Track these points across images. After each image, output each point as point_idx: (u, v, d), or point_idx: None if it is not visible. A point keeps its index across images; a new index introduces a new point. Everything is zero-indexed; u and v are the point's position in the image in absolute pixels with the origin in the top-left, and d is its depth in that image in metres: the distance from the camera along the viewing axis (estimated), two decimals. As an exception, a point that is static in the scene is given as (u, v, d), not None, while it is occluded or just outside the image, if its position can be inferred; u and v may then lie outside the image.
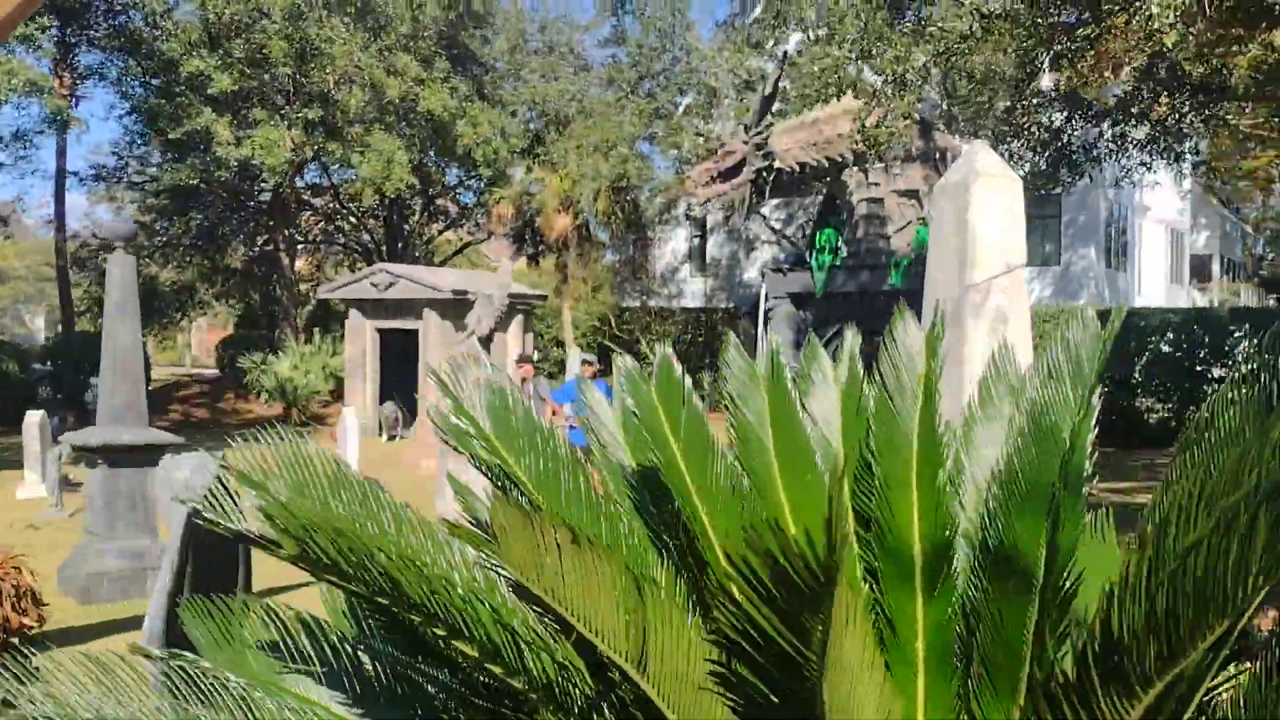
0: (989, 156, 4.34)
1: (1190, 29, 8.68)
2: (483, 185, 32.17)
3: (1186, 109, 11.92)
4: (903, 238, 18.94)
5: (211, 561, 4.00)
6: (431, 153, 29.47)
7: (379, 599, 1.74)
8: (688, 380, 2.49)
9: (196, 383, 33.08)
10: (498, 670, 1.76)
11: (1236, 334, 23.82)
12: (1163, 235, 40.82)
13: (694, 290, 36.55)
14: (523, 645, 1.81)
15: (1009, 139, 13.64)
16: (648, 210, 32.23)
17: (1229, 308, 28.58)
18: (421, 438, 19.59)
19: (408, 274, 23.70)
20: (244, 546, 4.37)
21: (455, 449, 2.50)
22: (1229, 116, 12.66)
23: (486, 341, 8.39)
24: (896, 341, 2.59)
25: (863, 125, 13.60)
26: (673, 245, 37.17)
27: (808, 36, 29.15)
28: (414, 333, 23.26)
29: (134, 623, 8.81)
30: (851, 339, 2.82)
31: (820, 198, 28.65)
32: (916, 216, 18.99)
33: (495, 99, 29.93)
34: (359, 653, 2.04)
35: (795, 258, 21.55)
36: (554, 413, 13.03)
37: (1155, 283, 39.64)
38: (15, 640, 3.91)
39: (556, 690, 1.82)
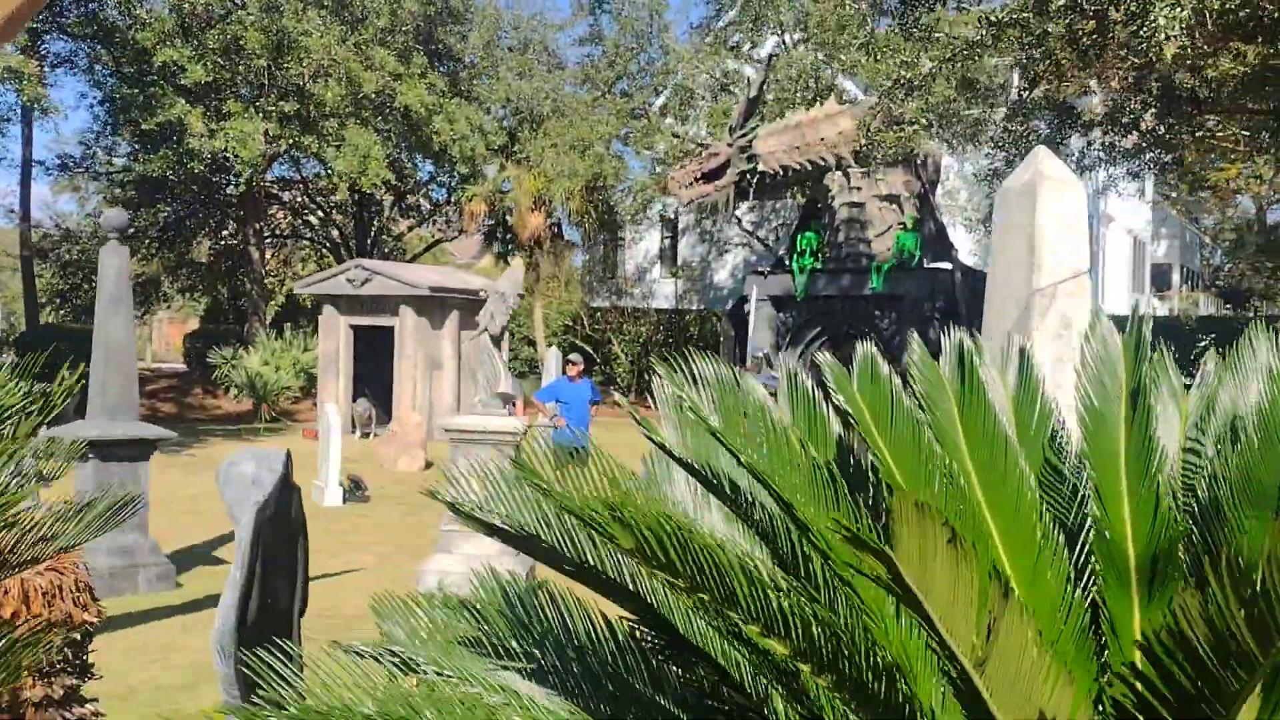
0: (1053, 161, 4.40)
1: (1189, 43, 8.84)
2: (455, 182, 32.03)
3: (1174, 121, 12.13)
4: (883, 242, 19.08)
5: (275, 556, 3.96)
6: (406, 149, 29.29)
7: (701, 595, 1.72)
8: (897, 380, 2.44)
9: (162, 377, 32.64)
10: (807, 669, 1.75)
11: (1202, 343, 24.26)
12: (1126, 244, 41.50)
13: (665, 291, 36.64)
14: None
15: (1004, 146, 13.80)
16: (622, 210, 32.26)
17: (1196, 317, 29.06)
18: (401, 435, 19.48)
19: (384, 270, 23.54)
20: (303, 541, 4.33)
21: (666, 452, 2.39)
22: (1217, 128, 12.93)
23: (498, 339, 8.38)
24: (1094, 344, 2.56)
25: (868, 129, 13.68)
26: (645, 246, 37.24)
27: (783, 41, 29.34)
28: (386, 329, 23.12)
29: (129, 620, 8.71)
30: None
31: (797, 201, 28.86)
32: (897, 221, 19.15)
33: (472, 95, 29.80)
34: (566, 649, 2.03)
35: (776, 260, 21.63)
36: (525, 413, 12.98)
37: (1118, 291, 40.29)
38: (78, 636, 3.86)
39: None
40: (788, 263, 19.95)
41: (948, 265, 18.70)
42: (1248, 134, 16.97)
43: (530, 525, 2.08)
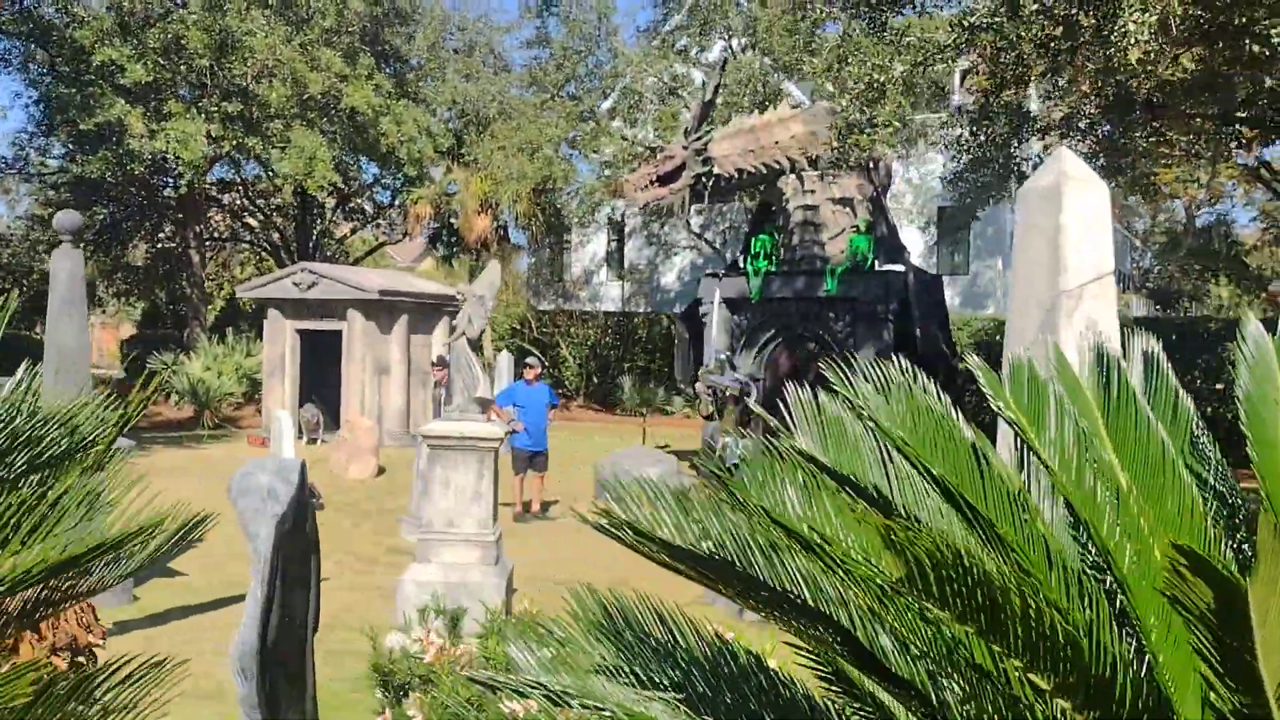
0: (1076, 162, 4.40)
1: (1155, 47, 8.99)
2: (401, 184, 31.68)
3: (1129, 125, 12.34)
4: (837, 245, 19.17)
5: (292, 571, 3.81)
6: (352, 151, 28.90)
7: (971, 623, 1.62)
8: (1059, 387, 2.28)
9: (100, 383, 31.80)
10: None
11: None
12: (1062, 247, 42.23)
13: (612, 294, 36.57)
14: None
15: (969, 150, 13.94)
16: (569, 213, 32.16)
17: (1133, 318, 29.63)
18: (352, 441, 19.19)
19: (331, 274, 23.19)
20: (316, 555, 4.19)
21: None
22: (1170, 133, 13.19)
23: (476, 344, 8.25)
24: (1249, 345, 2.45)
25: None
26: (592, 249, 37.14)
27: (730, 46, 29.43)
28: (333, 334, 22.76)
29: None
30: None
31: (745, 205, 28.95)
32: (851, 224, 19.25)
33: (419, 98, 29.50)
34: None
35: (730, 263, 21.66)
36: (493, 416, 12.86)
37: (1055, 293, 40.94)
38: (82, 659, 3.69)
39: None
40: (742, 265, 19.98)
41: (900, 267, 18.85)
42: (1185, 139, 17.36)
43: (730, 550, 1.86)
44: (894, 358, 2.69)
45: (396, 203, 34.22)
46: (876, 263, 18.92)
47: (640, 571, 2.94)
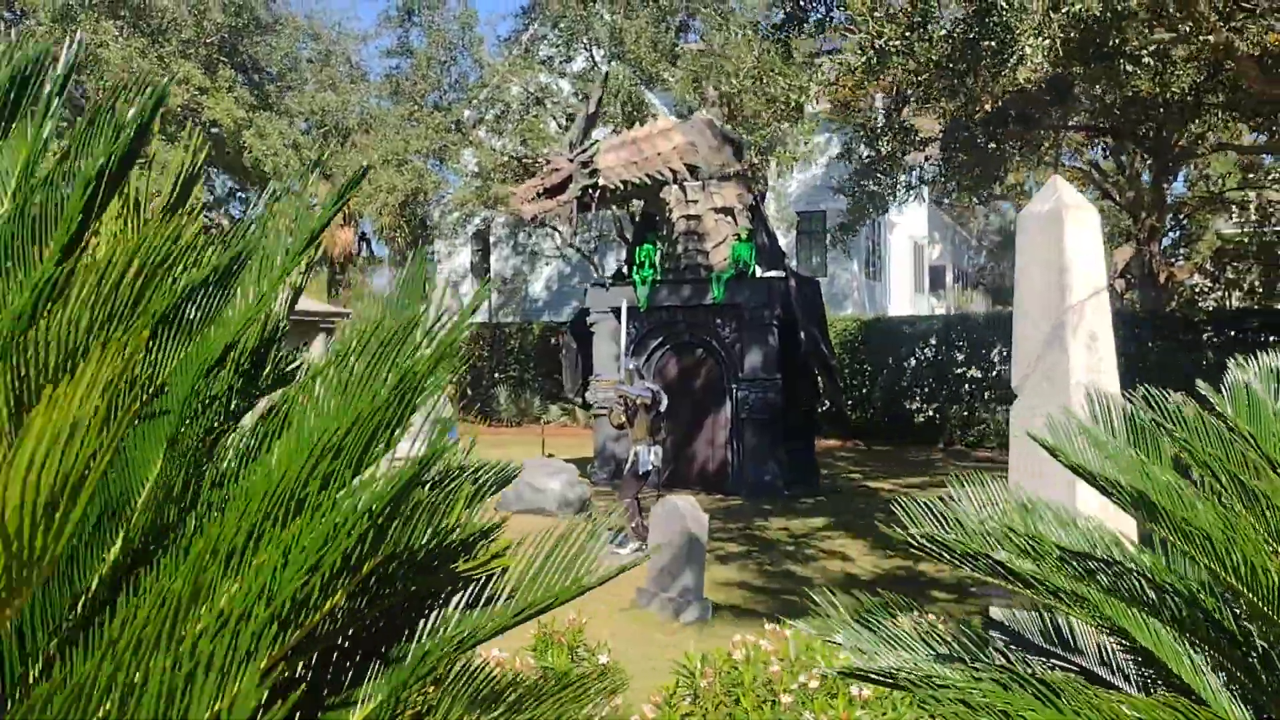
0: (1070, 190, 4.89)
1: (1047, 64, 9.76)
2: (255, 198, 30.92)
3: (1003, 136, 13.26)
4: (720, 253, 19.74)
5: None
6: (210, 164, 28.12)
7: None
8: None
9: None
10: None
11: (992, 339, 26.22)
12: (908, 248, 44.14)
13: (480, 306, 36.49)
14: None
15: (874, 166, 14.63)
16: (439, 225, 31.99)
17: (985, 315, 31.27)
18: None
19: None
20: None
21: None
22: (1044, 145, 14.22)
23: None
24: None
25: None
26: (457, 260, 36.99)
27: (592, 57, 29.80)
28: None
29: None
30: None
31: (611, 214, 29.34)
32: (732, 232, 19.85)
33: (281, 109, 28.91)
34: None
35: (615, 272, 22.01)
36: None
37: (902, 292, 42.76)
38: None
39: None
40: (626, 274, 20.36)
41: (781, 274, 19.54)
42: (1043, 145, 18.57)
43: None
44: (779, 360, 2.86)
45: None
46: (758, 269, 19.56)
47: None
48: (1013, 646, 1.98)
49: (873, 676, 1.80)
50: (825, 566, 11.96)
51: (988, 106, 11.55)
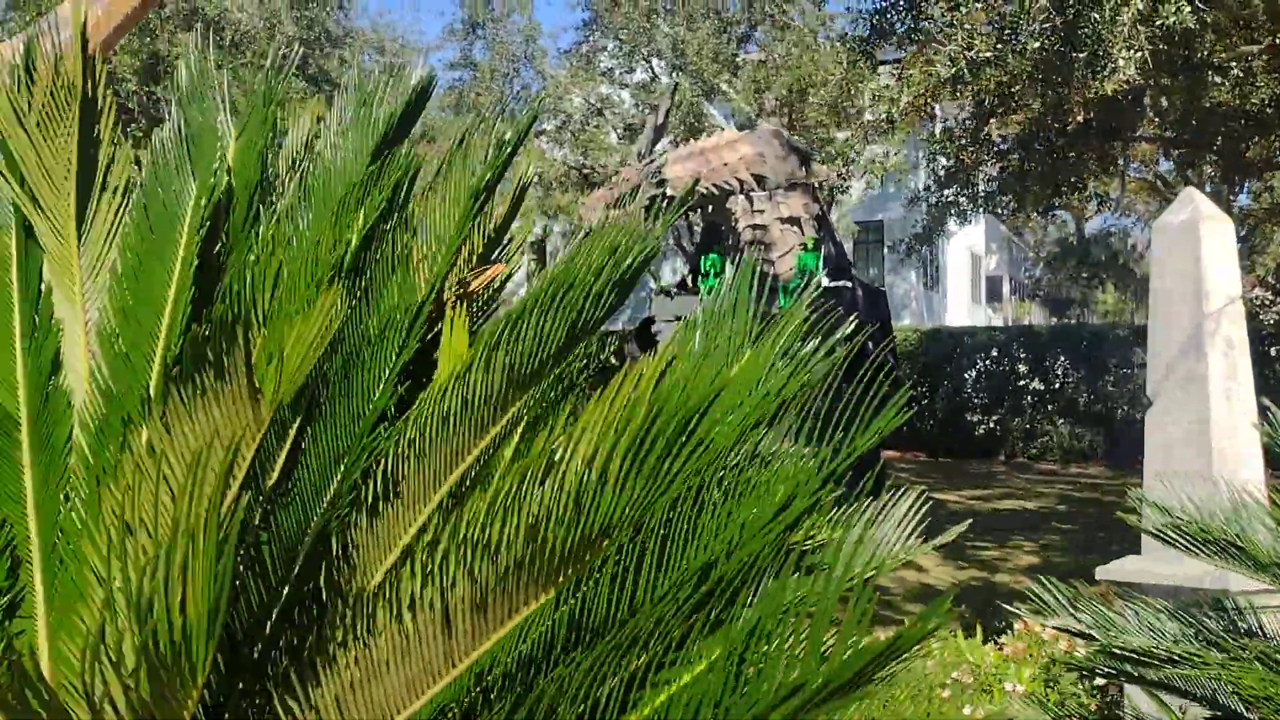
0: (1205, 200, 4.95)
1: (1139, 76, 9.79)
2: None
3: (1083, 148, 13.26)
4: (785, 262, 19.83)
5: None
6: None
7: None
8: None
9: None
10: None
11: (1055, 351, 26.03)
12: (965, 259, 43.86)
13: (538, 313, 36.67)
14: None
15: (947, 178, 14.67)
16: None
17: (1049, 327, 31.01)
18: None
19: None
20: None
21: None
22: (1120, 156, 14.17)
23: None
24: None
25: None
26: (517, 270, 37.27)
27: (651, 68, 29.98)
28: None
29: None
30: None
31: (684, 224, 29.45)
32: (798, 242, 19.93)
33: (349, 121, 29.33)
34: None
35: (679, 282, 22.14)
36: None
37: (959, 303, 42.51)
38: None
39: None
40: (691, 284, 20.49)
41: (848, 283, 19.57)
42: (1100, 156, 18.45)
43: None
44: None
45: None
46: (824, 279, 19.62)
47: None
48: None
49: (1128, 654, 1.91)
50: (902, 577, 11.96)
51: (1080, 117, 11.57)
